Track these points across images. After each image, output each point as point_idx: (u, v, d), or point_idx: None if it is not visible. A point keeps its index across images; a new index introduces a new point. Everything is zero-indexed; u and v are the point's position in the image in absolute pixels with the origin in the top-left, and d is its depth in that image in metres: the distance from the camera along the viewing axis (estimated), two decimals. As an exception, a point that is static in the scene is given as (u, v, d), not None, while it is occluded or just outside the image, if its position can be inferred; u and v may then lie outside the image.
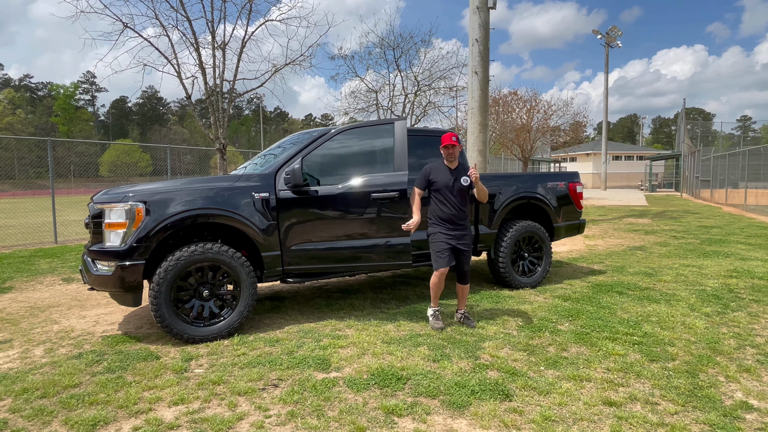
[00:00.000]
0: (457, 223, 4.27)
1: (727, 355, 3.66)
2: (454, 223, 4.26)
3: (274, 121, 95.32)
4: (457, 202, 4.27)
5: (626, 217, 15.08)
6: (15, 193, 37.82)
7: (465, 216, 4.34)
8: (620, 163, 53.72)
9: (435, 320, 4.34)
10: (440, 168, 4.33)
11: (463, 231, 4.33)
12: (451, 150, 4.28)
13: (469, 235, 4.40)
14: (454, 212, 4.26)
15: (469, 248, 4.37)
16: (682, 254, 8.11)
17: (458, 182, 4.26)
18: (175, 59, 10.94)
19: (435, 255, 4.29)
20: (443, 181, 4.27)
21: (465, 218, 4.34)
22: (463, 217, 4.31)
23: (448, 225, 4.27)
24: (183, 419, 2.77)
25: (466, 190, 4.32)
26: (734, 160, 20.39)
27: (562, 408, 2.86)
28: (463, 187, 4.29)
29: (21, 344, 4.10)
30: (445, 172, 4.31)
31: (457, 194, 4.26)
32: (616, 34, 38.33)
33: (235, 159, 26.01)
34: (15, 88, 76.67)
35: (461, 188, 4.28)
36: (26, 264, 7.89)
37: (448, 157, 4.30)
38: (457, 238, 4.27)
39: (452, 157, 4.29)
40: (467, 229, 4.37)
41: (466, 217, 4.34)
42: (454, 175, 4.28)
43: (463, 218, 4.31)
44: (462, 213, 4.30)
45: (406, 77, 17.58)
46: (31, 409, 2.89)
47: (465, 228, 4.35)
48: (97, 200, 4.17)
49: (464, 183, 4.28)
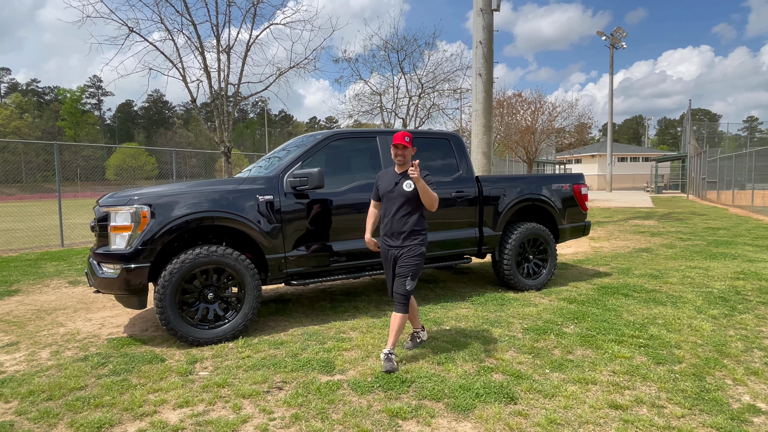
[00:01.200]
0: (394, 238, 3.62)
1: (735, 357, 3.63)
2: (391, 237, 3.63)
3: (278, 124, 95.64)
4: (398, 210, 3.59)
5: (632, 219, 15.00)
6: (22, 197, 38.11)
7: (408, 228, 3.58)
8: (626, 165, 53.50)
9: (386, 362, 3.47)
10: (388, 173, 3.75)
11: (402, 246, 3.58)
12: (401, 151, 3.60)
13: (413, 253, 3.56)
14: (391, 224, 3.62)
15: (407, 268, 3.55)
16: (688, 256, 8.05)
17: (399, 187, 3.58)
18: (181, 63, 11.04)
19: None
20: (384, 186, 3.68)
21: (408, 231, 3.58)
22: (402, 229, 3.58)
23: (387, 239, 3.67)
24: (188, 422, 2.77)
25: (410, 196, 3.57)
26: (741, 161, 20.24)
27: (567, 411, 2.85)
28: (405, 193, 3.56)
29: (27, 346, 4.13)
30: (389, 176, 3.69)
31: (397, 202, 3.59)
32: (620, 35, 38.24)
33: (239, 162, 26.13)
34: (22, 93, 77.41)
35: (402, 194, 3.57)
36: (33, 267, 7.94)
37: (396, 159, 3.63)
38: (394, 257, 3.62)
39: (401, 159, 3.62)
40: (412, 242, 3.58)
41: (411, 229, 3.58)
42: (397, 179, 3.63)
43: (401, 232, 3.58)
44: (401, 224, 3.58)
45: (410, 80, 17.61)
46: (37, 412, 2.90)
47: (407, 242, 3.59)
48: (103, 203, 4.19)
49: (406, 188, 3.55)
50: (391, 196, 3.62)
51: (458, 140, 5.67)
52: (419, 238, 3.61)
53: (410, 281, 3.56)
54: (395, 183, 3.61)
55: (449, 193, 5.31)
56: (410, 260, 3.55)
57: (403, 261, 3.56)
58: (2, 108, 68.89)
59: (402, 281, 3.55)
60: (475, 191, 5.48)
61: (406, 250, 3.57)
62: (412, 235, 3.59)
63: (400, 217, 3.59)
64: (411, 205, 3.59)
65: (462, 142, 5.69)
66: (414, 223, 3.60)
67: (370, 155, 5.01)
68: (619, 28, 38.00)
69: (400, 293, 3.55)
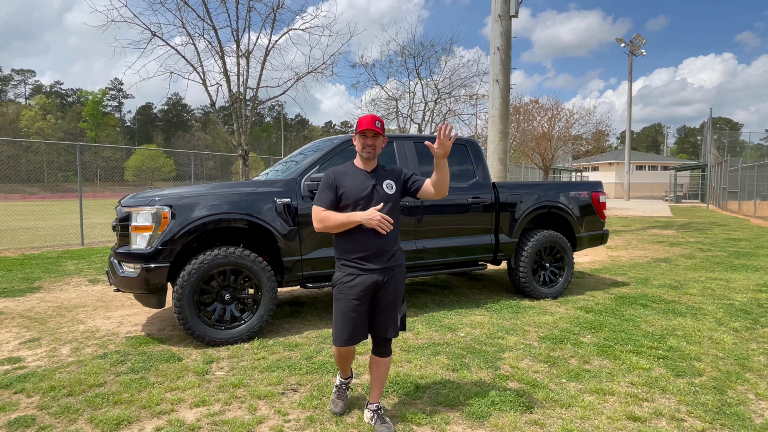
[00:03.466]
0: (374, 260, 2.64)
1: (757, 372, 3.55)
2: (369, 259, 2.63)
3: (294, 128, 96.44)
4: None
5: (650, 228, 14.77)
6: (44, 196, 38.98)
7: (394, 245, 2.72)
8: (644, 173, 52.73)
9: (335, 396, 2.95)
10: (347, 172, 2.74)
11: (387, 269, 2.66)
12: (371, 141, 2.68)
13: (401, 272, 2.74)
14: (366, 241, 2.62)
15: (397, 299, 2.72)
16: (708, 267, 7.90)
17: (379, 190, 2.69)
18: (201, 67, 11.21)
19: (337, 320, 2.69)
20: (353, 189, 2.66)
21: (395, 250, 2.72)
22: (387, 247, 2.67)
23: (361, 263, 2.63)
24: (204, 421, 2.80)
25: (393, 201, 2.72)
26: (763, 172, 19.82)
27: (584, 421, 2.81)
28: (388, 197, 2.70)
29: (48, 343, 4.21)
30: (355, 177, 2.72)
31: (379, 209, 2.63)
32: (640, 42, 37.80)
33: (255, 165, 26.38)
34: (46, 95, 79.28)
35: (384, 198, 2.68)
36: (54, 265, 8.11)
37: (365, 151, 2.69)
38: (382, 282, 2.65)
39: (371, 152, 2.70)
40: (397, 264, 2.73)
41: (396, 247, 2.75)
42: (372, 180, 2.71)
43: (386, 251, 2.66)
44: (385, 240, 2.65)
45: (427, 85, 17.64)
46: (58, 407, 2.96)
47: (393, 264, 2.69)
48: (125, 203, 4.28)
49: (388, 190, 2.71)
50: (368, 204, 2.65)
51: (475, 146, 5.66)
52: (402, 258, 2.79)
53: (401, 316, 2.79)
54: (372, 185, 2.68)
55: (465, 198, 5.30)
56: (399, 288, 2.73)
57: (389, 291, 2.67)
58: (26, 109, 70.66)
59: (393, 317, 2.72)
60: (491, 197, 5.46)
61: (392, 276, 2.68)
62: (397, 255, 2.73)
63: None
64: (393, 214, 2.68)
65: (479, 148, 5.67)
66: (397, 237, 2.75)
67: (386, 160, 5.03)
68: (638, 35, 37.56)
69: (392, 335, 2.75)
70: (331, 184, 2.69)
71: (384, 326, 2.72)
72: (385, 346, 2.78)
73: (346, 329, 2.66)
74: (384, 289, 2.67)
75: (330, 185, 2.69)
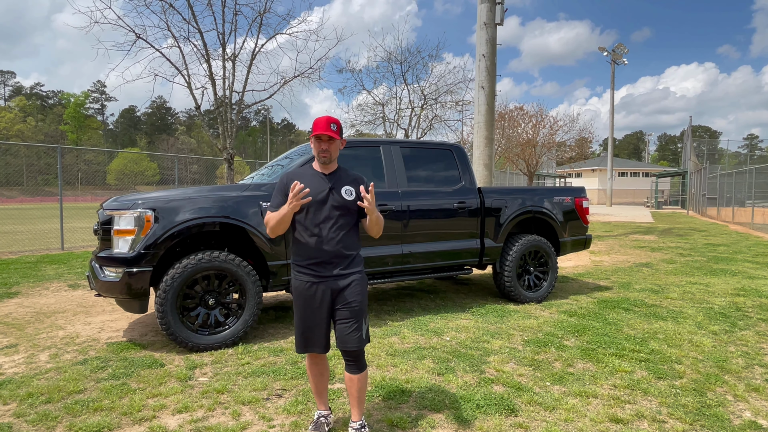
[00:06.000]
0: (327, 266, 2.53)
1: (736, 374, 3.62)
2: (323, 265, 2.53)
3: (281, 133, 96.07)
4: (333, 226, 2.54)
5: (632, 234, 15.01)
6: (23, 200, 38.16)
7: (351, 251, 2.59)
8: (626, 180, 53.66)
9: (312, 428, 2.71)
10: (304, 174, 2.61)
11: (343, 276, 2.55)
12: (326, 145, 2.55)
13: (361, 279, 2.60)
14: (320, 245, 2.52)
15: (358, 308, 2.54)
16: (688, 272, 8.05)
17: (336, 195, 2.56)
18: (186, 70, 11.12)
19: (295, 327, 2.64)
20: (309, 194, 2.46)
21: (352, 256, 2.60)
22: (342, 252, 2.55)
23: (314, 269, 2.54)
24: (187, 427, 2.76)
25: (351, 207, 2.58)
26: (741, 179, 20.31)
27: (568, 424, 2.84)
28: (345, 202, 2.56)
29: (26, 349, 4.11)
30: (312, 180, 2.58)
31: (331, 214, 2.54)
32: (622, 51, 38.57)
33: (241, 169, 26.19)
34: (26, 96, 77.84)
35: (343, 204, 2.56)
36: (33, 270, 7.93)
37: (321, 155, 2.56)
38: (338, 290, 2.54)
39: (326, 156, 2.56)
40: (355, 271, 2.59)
41: (354, 252, 2.61)
42: (329, 184, 2.58)
43: (341, 256, 2.55)
44: (340, 245, 2.54)
45: (413, 91, 17.75)
46: (36, 414, 2.89)
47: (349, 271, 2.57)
48: (107, 207, 4.21)
49: (347, 196, 2.56)
50: (322, 207, 2.54)
51: (461, 151, 5.70)
52: (361, 265, 2.65)
53: (365, 326, 2.59)
54: (329, 189, 2.55)
55: (451, 203, 5.33)
56: (359, 297, 2.55)
57: (348, 300, 2.53)
58: (6, 111, 69.26)
59: (355, 327, 2.53)
60: (477, 202, 5.50)
61: (350, 284, 2.55)
62: (354, 262, 2.60)
63: (336, 235, 2.53)
64: (348, 219, 2.59)
65: (465, 153, 5.72)
66: (354, 243, 2.62)
67: (372, 164, 5.05)
68: (620, 44, 38.35)
69: (355, 347, 2.54)
70: (283, 188, 2.57)
71: (344, 338, 2.54)
72: (354, 360, 2.58)
73: (301, 335, 2.60)
74: (341, 297, 2.54)
75: (282, 189, 2.57)
